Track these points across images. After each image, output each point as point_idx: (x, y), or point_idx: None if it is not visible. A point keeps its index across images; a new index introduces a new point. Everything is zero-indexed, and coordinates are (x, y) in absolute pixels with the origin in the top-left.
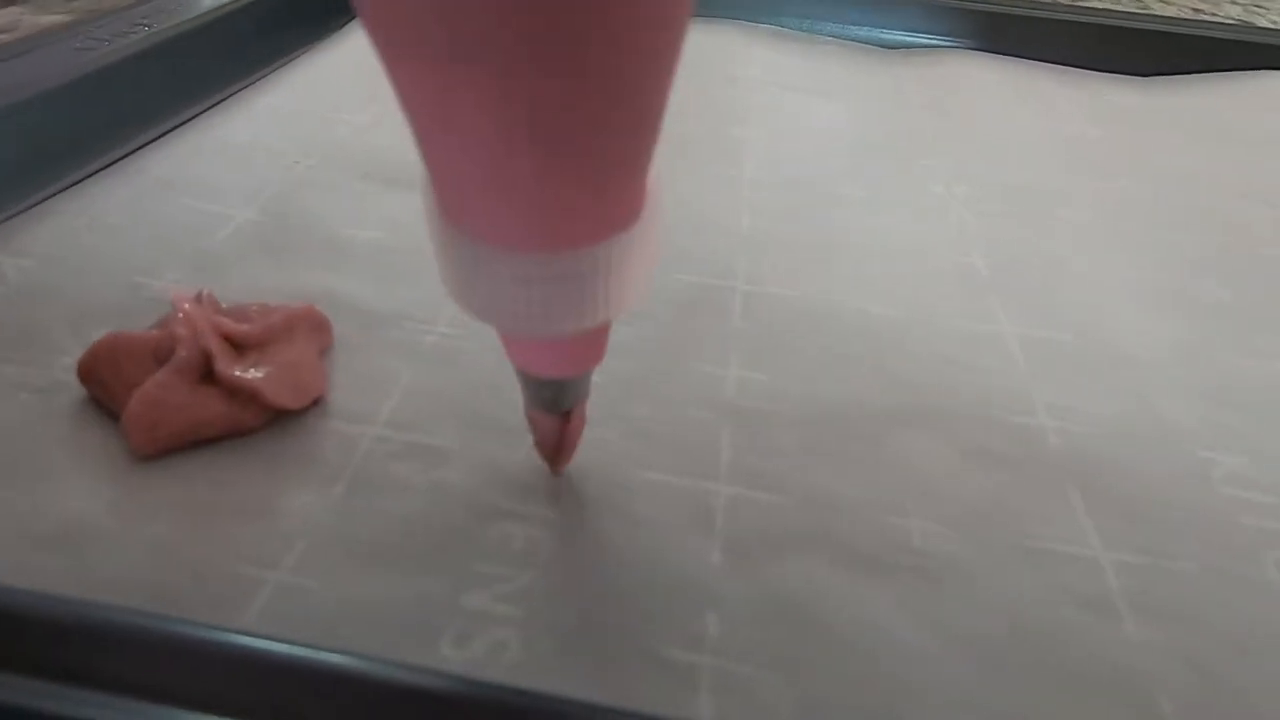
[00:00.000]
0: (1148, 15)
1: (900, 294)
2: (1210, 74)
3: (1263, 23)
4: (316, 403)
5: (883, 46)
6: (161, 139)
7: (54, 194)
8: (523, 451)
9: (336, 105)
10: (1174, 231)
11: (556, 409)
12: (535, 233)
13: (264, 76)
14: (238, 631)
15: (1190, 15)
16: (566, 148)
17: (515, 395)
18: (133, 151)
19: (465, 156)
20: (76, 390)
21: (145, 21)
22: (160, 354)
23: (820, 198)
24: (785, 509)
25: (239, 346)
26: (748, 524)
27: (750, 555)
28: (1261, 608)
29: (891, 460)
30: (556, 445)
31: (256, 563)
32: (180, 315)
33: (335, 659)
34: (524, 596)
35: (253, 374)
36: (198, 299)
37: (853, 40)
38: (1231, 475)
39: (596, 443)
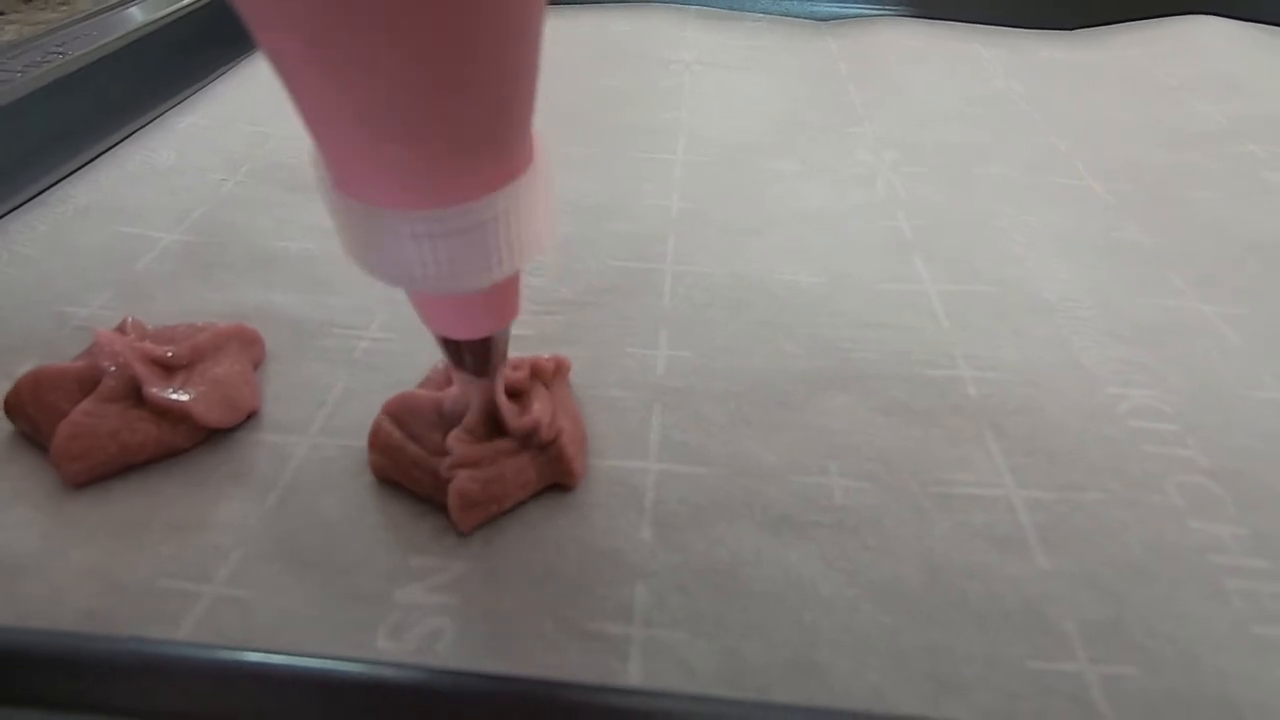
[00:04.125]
0: None
1: (828, 261)
2: (1133, 22)
3: None
4: (250, 417)
5: (814, 19)
6: (84, 167)
7: None
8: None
9: (260, 119)
10: (1095, 180)
11: (483, 372)
12: (421, 192)
13: (187, 97)
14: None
15: None
16: (425, 113)
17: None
18: (56, 182)
19: (334, 128)
20: (5, 425)
21: (60, 50)
22: (86, 384)
23: (752, 174)
24: (712, 480)
25: (169, 368)
26: (676, 498)
27: (679, 528)
28: (1161, 529)
29: (814, 423)
30: (486, 414)
31: (190, 578)
32: (103, 345)
33: (268, 660)
34: (458, 585)
35: (181, 395)
36: (122, 327)
37: (785, 15)
38: (1138, 409)
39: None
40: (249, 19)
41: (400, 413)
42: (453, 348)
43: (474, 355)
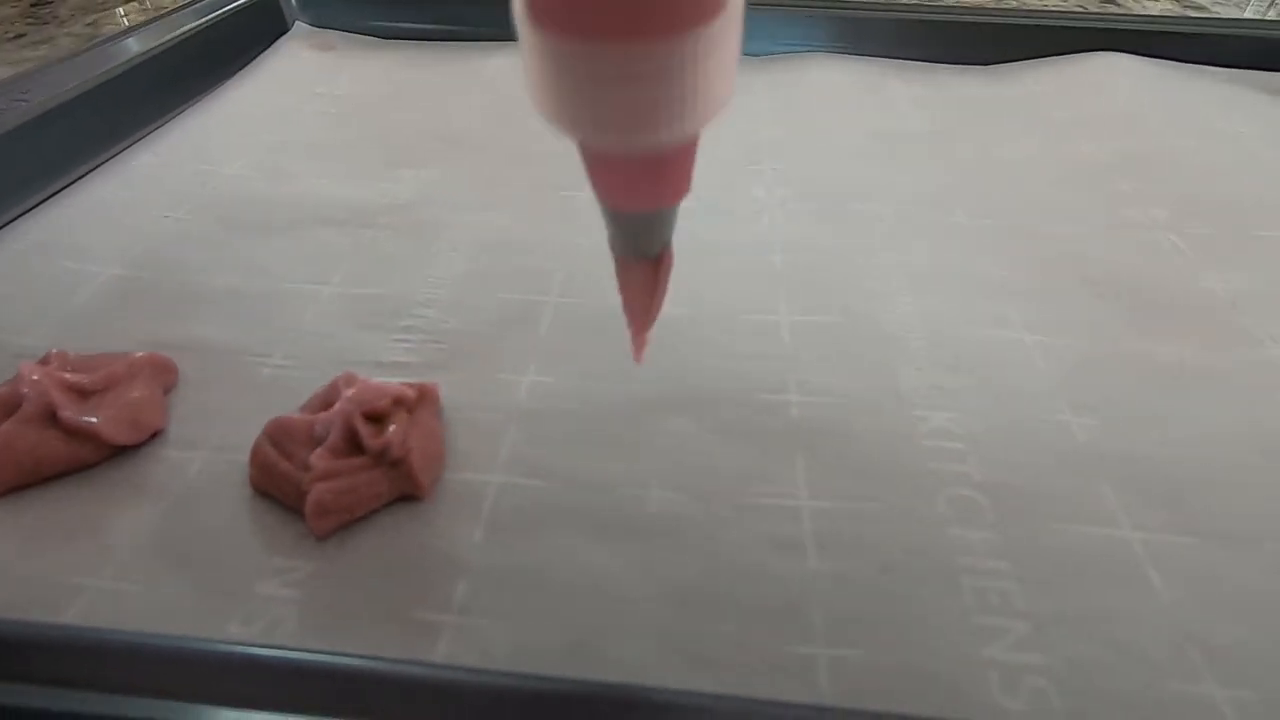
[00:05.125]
0: (996, 10)
1: (702, 294)
2: (1048, 58)
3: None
4: (155, 436)
5: (745, 56)
6: (41, 205)
7: None
8: None
9: (209, 158)
10: (967, 217)
11: (651, 250)
12: (628, 20)
13: (144, 136)
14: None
15: (1035, 5)
16: None
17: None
18: (14, 219)
19: None
20: None
21: (25, 96)
22: (9, 407)
23: None
24: (548, 491)
25: (84, 394)
26: (512, 506)
27: (508, 532)
28: (922, 535)
29: (649, 443)
30: (648, 298)
31: (80, 574)
32: (24, 374)
33: (130, 639)
34: (307, 581)
35: (91, 417)
36: (45, 358)
37: None
38: (935, 430)
39: None
40: None
41: (276, 433)
42: (622, 223)
43: (643, 230)
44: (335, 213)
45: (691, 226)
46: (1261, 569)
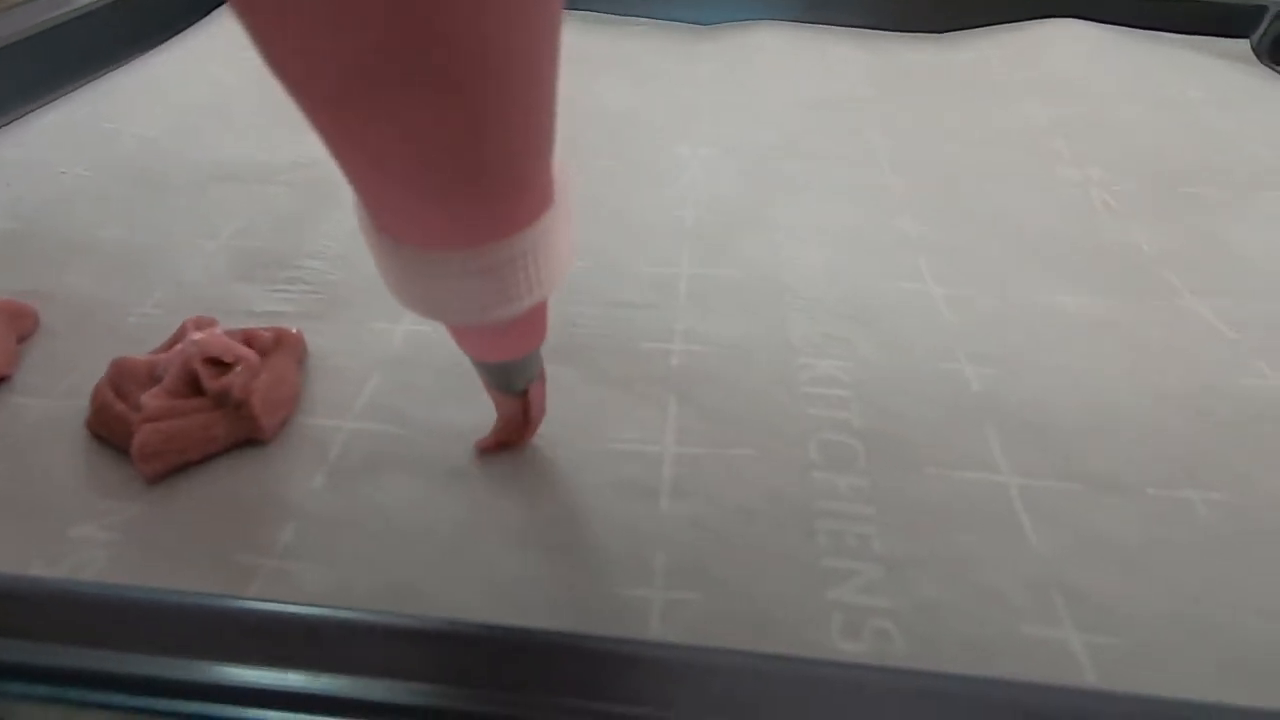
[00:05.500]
0: None
1: (605, 248)
2: (998, 25)
3: None
4: (2, 381)
5: (698, 25)
6: None
7: None
8: None
9: (117, 118)
10: (895, 176)
11: (512, 389)
12: (456, 234)
13: (59, 98)
14: None
15: None
16: (449, 176)
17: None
18: None
19: (371, 188)
20: None
21: None
22: None
23: (578, 171)
24: (400, 438)
25: None
26: (361, 452)
27: (351, 477)
28: (785, 479)
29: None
30: (518, 424)
31: None
32: None
33: None
34: (127, 525)
35: None
36: None
37: (669, 20)
38: (820, 377)
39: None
40: (297, 95)
41: (116, 374)
42: (485, 368)
43: (505, 375)
44: (238, 170)
45: (608, 184)
46: (1141, 514)
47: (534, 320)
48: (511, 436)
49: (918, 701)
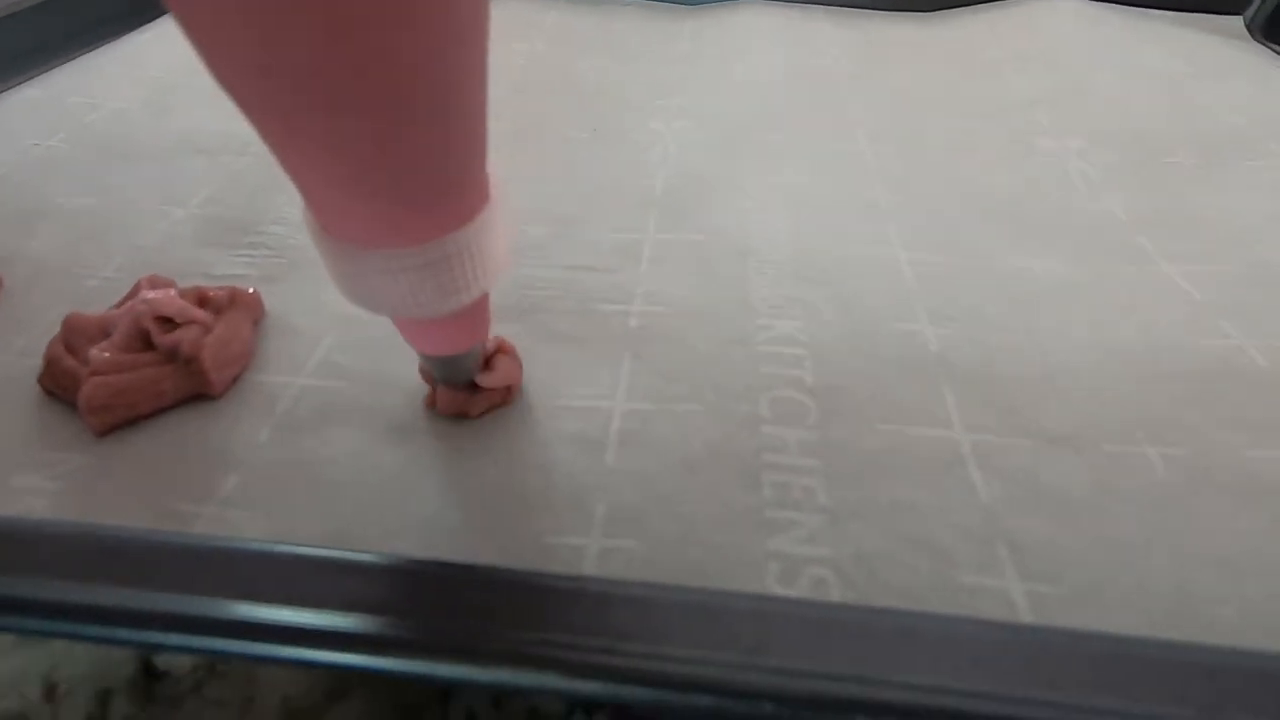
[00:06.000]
0: None
1: (570, 215)
2: (987, 3)
3: None
4: None
5: (683, 5)
6: None
7: None
8: None
9: (93, 93)
10: (870, 146)
11: (459, 380)
12: (394, 233)
13: (37, 75)
14: None
15: None
16: (385, 179)
17: None
18: None
19: (315, 190)
20: None
21: None
22: None
23: (542, 140)
24: (347, 393)
25: None
26: (310, 407)
27: (298, 431)
28: (732, 434)
29: None
30: (458, 411)
31: None
32: None
33: None
34: (71, 475)
35: None
36: None
37: (659, 1)
38: (777, 337)
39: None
40: (239, 104)
41: (68, 331)
42: (433, 361)
43: (449, 368)
44: (210, 142)
45: (581, 155)
46: (1093, 469)
47: (475, 315)
48: (461, 409)
49: (854, 636)
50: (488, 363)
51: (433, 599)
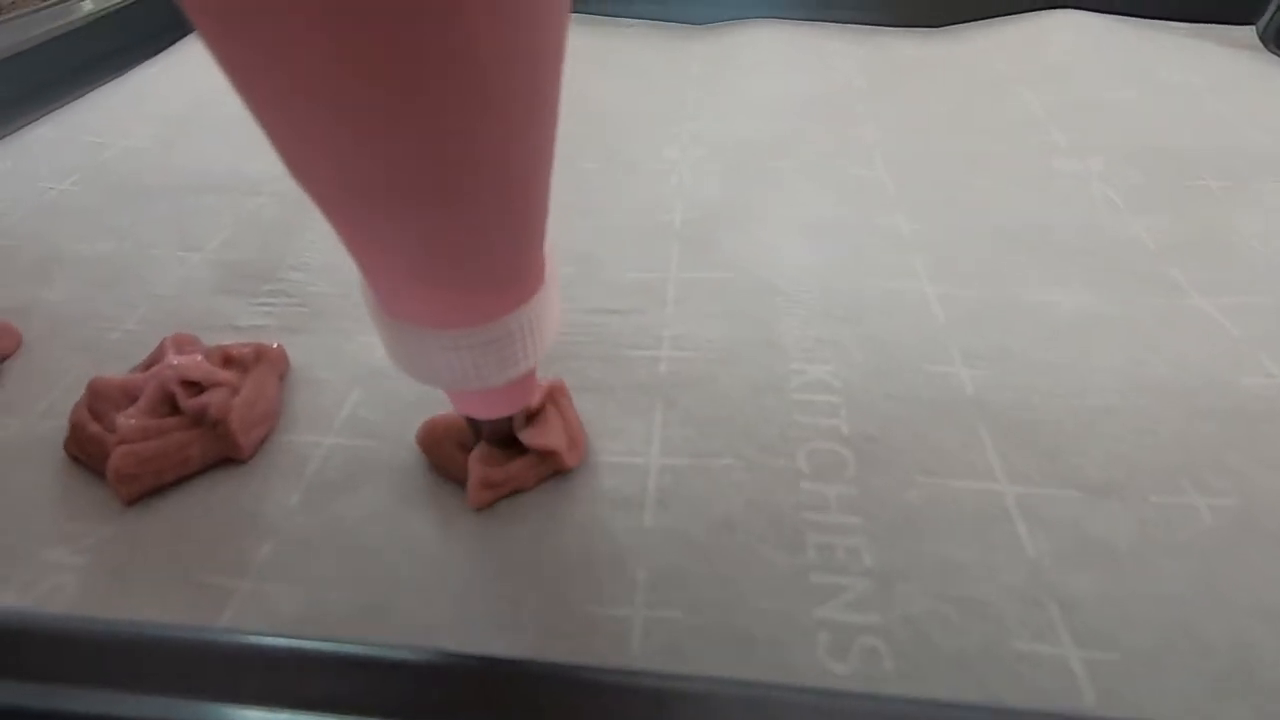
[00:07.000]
0: None
1: (592, 253)
2: (998, 18)
3: None
4: None
5: (691, 24)
6: None
7: None
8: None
9: (103, 132)
10: (887, 172)
11: (497, 436)
12: (460, 315)
13: (50, 112)
14: None
15: None
16: (452, 266)
17: None
18: None
19: (380, 274)
20: None
21: None
22: None
23: (559, 171)
24: (377, 452)
25: None
26: (338, 468)
27: (329, 493)
28: (773, 490)
29: None
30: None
31: None
32: None
33: None
34: (100, 547)
35: None
36: None
37: (662, 20)
38: (810, 383)
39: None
40: (314, 201)
41: (93, 396)
42: (477, 423)
43: (495, 428)
44: (223, 181)
45: (596, 186)
46: (1142, 522)
47: (523, 385)
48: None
49: None
50: (531, 417)
51: (481, 699)
